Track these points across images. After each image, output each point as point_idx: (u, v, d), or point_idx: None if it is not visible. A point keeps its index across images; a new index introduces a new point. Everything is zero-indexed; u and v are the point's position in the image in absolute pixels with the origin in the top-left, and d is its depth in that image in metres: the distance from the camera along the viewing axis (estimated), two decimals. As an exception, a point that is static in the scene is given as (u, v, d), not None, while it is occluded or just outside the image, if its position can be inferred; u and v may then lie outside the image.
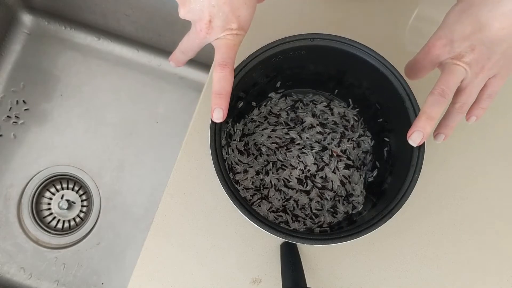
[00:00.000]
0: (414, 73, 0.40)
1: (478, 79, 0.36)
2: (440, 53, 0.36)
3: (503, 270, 0.47)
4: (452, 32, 0.35)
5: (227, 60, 0.35)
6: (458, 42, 0.35)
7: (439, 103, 0.35)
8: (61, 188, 0.73)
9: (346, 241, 0.37)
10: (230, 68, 0.35)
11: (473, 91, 0.37)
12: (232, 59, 0.35)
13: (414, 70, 0.39)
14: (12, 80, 0.78)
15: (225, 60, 0.35)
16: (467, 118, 0.39)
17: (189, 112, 0.52)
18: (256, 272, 0.46)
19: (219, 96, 0.35)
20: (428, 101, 0.35)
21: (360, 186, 0.48)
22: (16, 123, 0.77)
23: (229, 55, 0.35)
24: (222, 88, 0.34)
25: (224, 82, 0.35)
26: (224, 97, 0.35)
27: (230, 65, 0.35)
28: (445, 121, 0.39)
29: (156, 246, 0.46)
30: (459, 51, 0.35)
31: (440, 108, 0.35)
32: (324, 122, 0.49)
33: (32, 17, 0.79)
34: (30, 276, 0.70)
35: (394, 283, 0.47)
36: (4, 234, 0.72)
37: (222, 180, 0.37)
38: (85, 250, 0.71)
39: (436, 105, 0.35)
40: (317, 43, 0.40)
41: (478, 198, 0.49)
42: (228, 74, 0.35)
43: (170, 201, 0.47)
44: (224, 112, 0.35)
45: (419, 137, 0.36)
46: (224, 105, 0.35)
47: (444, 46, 0.36)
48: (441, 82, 0.36)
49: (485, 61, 0.35)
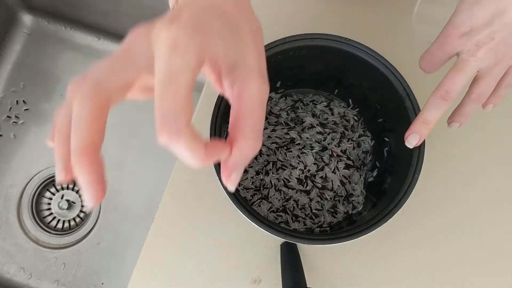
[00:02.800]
0: (429, 67, 0.37)
1: (497, 69, 0.33)
2: (457, 44, 0.33)
3: (503, 270, 0.47)
4: (470, 17, 0.32)
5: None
6: (477, 30, 0.32)
7: (439, 106, 0.34)
8: (61, 188, 0.73)
9: (346, 241, 0.37)
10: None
11: (491, 81, 0.34)
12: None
13: (430, 63, 0.36)
14: (12, 80, 0.78)
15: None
16: (484, 106, 0.37)
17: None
18: (256, 272, 0.46)
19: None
20: (428, 103, 0.34)
21: (360, 186, 0.48)
22: (16, 123, 0.77)
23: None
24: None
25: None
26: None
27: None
28: (460, 110, 0.37)
29: (156, 246, 0.46)
30: (477, 40, 0.32)
31: (439, 112, 0.34)
32: (324, 122, 0.49)
33: (32, 17, 0.79)
34: (30, 276, 0.70)
35: (394, 283, 0.47)
36: (4, 234, 0.72)
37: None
38: (85, 250, 0.71)
39: (435, 109, 0.34)
40: (317, 43, 0.40)
41: (478, 198, 0.49)
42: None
43: (170, 201, 0.47)
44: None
45: (415, 140, 0.35)
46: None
47: (461, 36, 0.33)
48: (446, 81, 0.34)
49: (506, 49, 0.32)
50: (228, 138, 0.23)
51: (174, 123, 0.19)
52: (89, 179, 0.21)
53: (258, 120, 0.22)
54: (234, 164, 0.22)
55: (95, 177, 0.21)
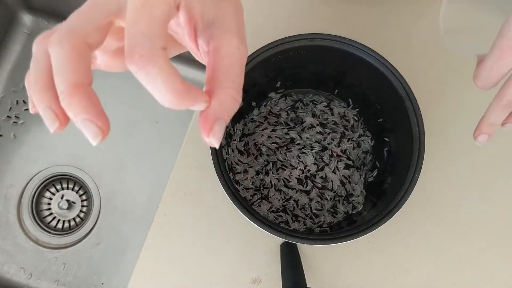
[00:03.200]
0: (488, 84, 0.32)
1: None
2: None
3: (503, 270, 0.47)
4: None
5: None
6: None
7: (502, 112, 0.32)
8: (61, 188, 0.73)
9: (346, 241, 0.37)
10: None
11: None
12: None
13: (488, 80, 0.32)
14: (12, 80, 0.78)
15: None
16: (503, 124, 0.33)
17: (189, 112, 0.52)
18: (256, 272, 0.46)
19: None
20: (491, 109, 0.32)
21: (360, 186, 0.48)
22: (16, 123, 0.77)
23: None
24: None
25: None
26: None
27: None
28: (488, 119, 0.34)
29: (156, 246, 0.46)
30: None
31: (504, 116, 0.32)
32: (324, 122, 0.49)
33: (32, 17, 0.79)
34: (30, 276, 0.70)
35: (394, 283, 0.47)
36: (4, 234, 0.71)
37: (222, 180, 0.37)
38: (85, 250, 0.71)
39: (498, 113, 0.32)
40: (317, 43, 0.40)
41: (478, 198, 0.49)
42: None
43: (170, 201, 0.47)
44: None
45: (485, 139, 0.34)
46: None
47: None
48: (506, 91, 0.31)
49: None
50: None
51: (149, 44, 0.17)
52: (90, 113, 0.19)
53: (238, 76, 0.20)
54: (214, 115, 0.20)
55: (95, 109, 0.19)
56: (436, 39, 0.53)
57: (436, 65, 0.52)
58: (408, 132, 0.40)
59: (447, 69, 0.52)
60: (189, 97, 0.18)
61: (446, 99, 0.51)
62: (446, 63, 0.52)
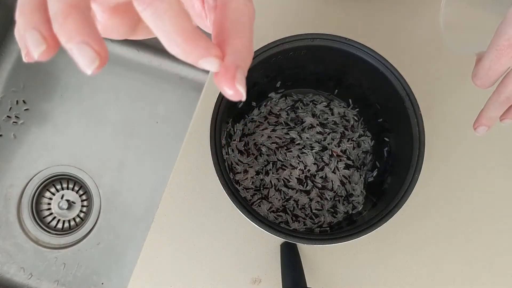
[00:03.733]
0: (487, 82, 0.33)
1: None
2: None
3: (503, 270, 0.47)
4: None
5: None
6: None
7: (500, 107, 0.32)
8: (61, 188, 0.73)
9: (346, 241, 0.37)
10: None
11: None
12: None
13: (487, 79, 0.32)
14: (12, 80, 0.78)
15: None
16: (502, 119, 0.34)
17: (189, 112, 0.52)
18: (256, 272, 0.46)
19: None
20: (489, 104, 0.33)
21: (360, 186, 0.48)
22: (16, 123, 0.77)
23: None
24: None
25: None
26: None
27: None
28: (486, 113, 0.34)
29: (156, 246, 0.46)
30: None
31: (501, 111, 0.33)
32: (324, 122, 0.49)
33: (32, 17, 0.79)
34: (30, 276, 0.70)
35: (394, 282, 0.47)
36: (4, 234, 0.72)
37: (222, 180, 0.37)
38: (85, 250, 0.71)
39: (497, 109, 0.32)
40: (317, 43, 0.40)
41: (478, 198, 0.49)
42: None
43: (170, 201, 0.47)
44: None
45: (484, 130, 0.34)
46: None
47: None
48: (503, 89, 0.31)
49: None
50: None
51: None
52: (86, 35, 0.16)
53: (248, 30, 0.19)
54: (233, 62, 0.18)
55: (91, 31, 0.16)
56: (436, 38, 0.53)
57: (436, 65, 0.52)
58: (408, 132, 0.40)
59: (447, 69, 0.52)
60: (200, 44, 0.17)
61: (446, 99, 0.51)
62: (446, 63, 0.52)
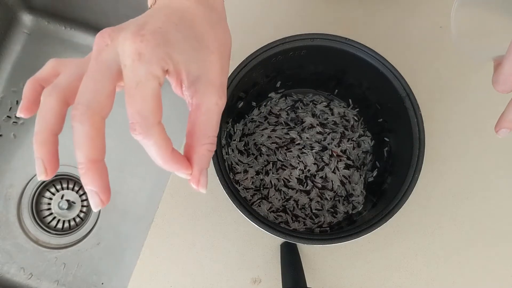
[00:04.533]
0: (507, 87, 0.32)
1: None
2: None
3: (503, 270, 0.47)
4: None
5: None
6: None
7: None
8: (61, 188, 0.73)
9: (346, 241, 0.37)
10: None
11: None
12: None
13: (506, 84, 0.32)
14: (12, 80, 0.78)
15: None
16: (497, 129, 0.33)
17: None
18: (256, 272, 0.46)
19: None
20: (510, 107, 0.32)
21: (360, 186, 0.48)
22: (16, 123, 0.77)
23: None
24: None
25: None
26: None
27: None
28: (507, 116, 0.34)
29: (156, 246, 0.46)
30: None
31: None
32: (324, 122, 0.49)
33: (32, 17, 0.79)
34: (30, 276, 0.70)
35: (394, 283, 0.47)
36: (4, 234, 0.71)
37: (222, 180, 0.37)
38: (85, 250, 0.71)
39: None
40: (317, 43, 0.40)
41: (478, 198, 0.49)
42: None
43: (170, 201, 0.47)
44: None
45: (507, 133, 0.33)
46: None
47: None
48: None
49: None
50: (185, 145, 0.25)
51: (144, 122, 0.22)
52: (97, 187, 0.23)
53: (213, 130, 0.25)
54: (198, 170, 0.25)
55: (102, 185, 0.23)
56: (436, 38, 0.53)
57: (436, 64, 0.52)
58: (408, 132, 0.40)
59: (446, 68, 0.52)
60: (174, 166, 0.24)
61: (446, 99, 0.51)
62: (445, 62, 0.52)
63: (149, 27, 0.23)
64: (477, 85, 0.52)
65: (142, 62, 0.22)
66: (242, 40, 0.50)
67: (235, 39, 0.35)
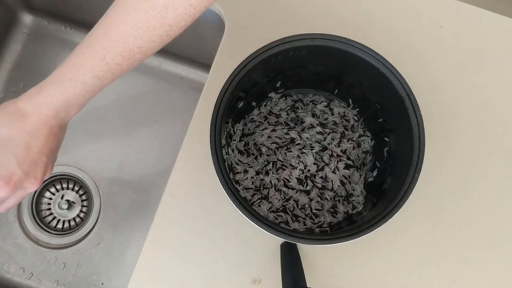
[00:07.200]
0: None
1: None
2: None
3: (503, 270, 0.47)
4: None
5: None
6: None
7: None
8: (61, 188, 0.73)
9: (346, 241, 0.37)
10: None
11: None
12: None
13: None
14: (12, 80, 0.78)
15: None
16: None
17: (189, 112, 0.52)
18: (256, 272, 0.46)
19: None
20: None
21: (360, 186, 0.48)
22: (16, 123, 0.77)
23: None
24: None
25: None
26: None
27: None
28: None
29: (156, 246, 0.46)
30: None
31: None
32: (324, 122, 0.49)
33: (32, 17, 0.79)
34: (30, 276, 0.70)
35: (394, 283, 0.47)
36: (4, 234, 0.71)
37: (222, 180, 0.37)
38: (85, 250, 0.71)
39: None
40: (317, 43, 0.40)
41: (478, 198, 0.49)
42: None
43: (170, 201, 0.47)
44: None
45: None
46: None
47: None
48: None
49: None
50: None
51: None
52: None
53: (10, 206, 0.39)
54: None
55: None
56: (436, 38, 0.53)
57: (436, 65, 0.52)
58: (408, 132, 0.40)
59: (447, 69, 0.52)
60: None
61: (446, 99, 0.51)
62: (446, 63, 0.52)
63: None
64: (477, 85, 0.52)
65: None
66: (242, 40, 0.50)
67: (236, 39, 0.35)
